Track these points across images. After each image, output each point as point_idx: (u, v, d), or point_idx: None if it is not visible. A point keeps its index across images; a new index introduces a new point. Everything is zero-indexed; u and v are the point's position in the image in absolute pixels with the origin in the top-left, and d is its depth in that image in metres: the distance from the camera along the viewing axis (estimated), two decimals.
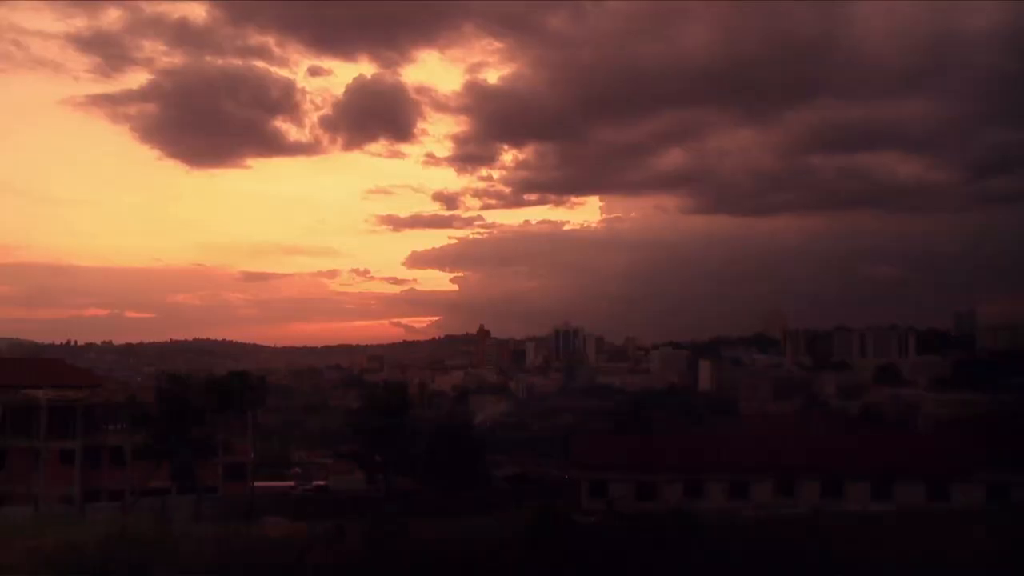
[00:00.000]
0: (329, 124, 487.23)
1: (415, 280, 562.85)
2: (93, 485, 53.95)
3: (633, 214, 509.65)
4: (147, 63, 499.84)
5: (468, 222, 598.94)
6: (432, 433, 63.84)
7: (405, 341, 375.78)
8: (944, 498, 46.35)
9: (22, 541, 29.29)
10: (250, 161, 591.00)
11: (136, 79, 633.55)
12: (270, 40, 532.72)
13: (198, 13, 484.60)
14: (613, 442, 60.72)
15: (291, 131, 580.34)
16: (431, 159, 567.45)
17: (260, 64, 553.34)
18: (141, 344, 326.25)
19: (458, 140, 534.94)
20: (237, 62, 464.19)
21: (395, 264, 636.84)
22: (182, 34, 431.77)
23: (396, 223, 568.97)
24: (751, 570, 25.13)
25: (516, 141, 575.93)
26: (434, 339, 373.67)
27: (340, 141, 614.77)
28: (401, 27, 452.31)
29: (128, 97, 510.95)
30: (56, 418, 54.82)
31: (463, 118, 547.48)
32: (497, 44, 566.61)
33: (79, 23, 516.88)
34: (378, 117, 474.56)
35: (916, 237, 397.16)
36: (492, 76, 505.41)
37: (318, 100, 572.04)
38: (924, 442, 61.39)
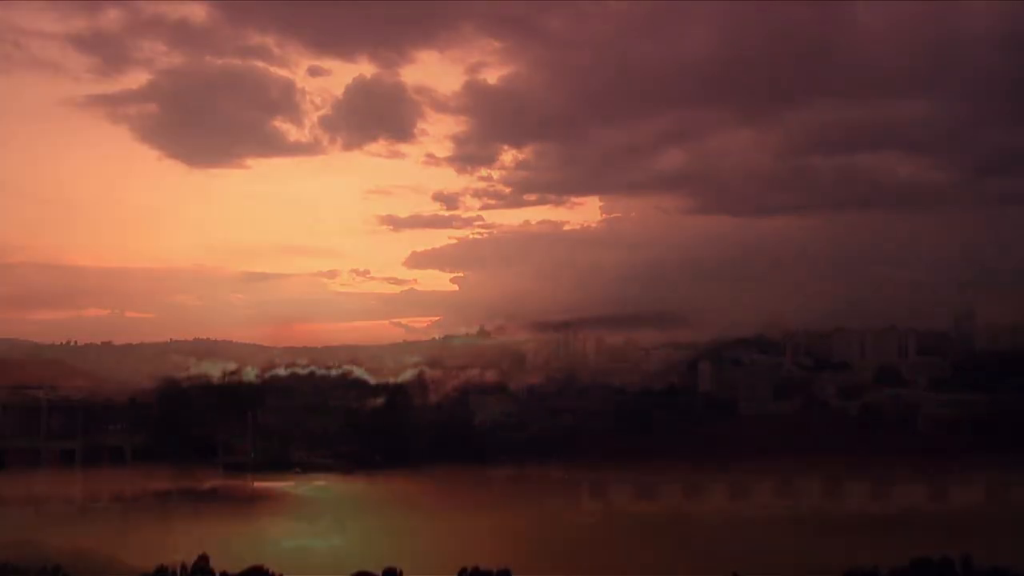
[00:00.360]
0: (329, 124, 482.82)
1: (415, 280, 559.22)
2: (93, 485, 53.82)
3: (633, 214, 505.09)
4: (147, 63, 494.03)
5: (468, 222, 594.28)
6: (432, 433, 63.80)
7: (405, 341, 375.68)
8: (944, 498, 46.28)
9: (22, 541, 29.29)
10: (250, 161, 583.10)
11: (136, 79, 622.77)
12: (270, 40, 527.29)
13: (198, 13, 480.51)
14: (613, 442, 60.66)
15: (291, 131, 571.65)
16: (431, 159, 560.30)
17: (260, 64, 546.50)
18: (141, 344, 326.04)
19: (458, 140, 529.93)
20: (237, 62, 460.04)
21: (395, 264, 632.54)
22: (182, 34, 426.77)
23: (396, 223, 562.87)
24: (751, 570, 25.15)
25: (516, 141, 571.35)
26: (434, 339, 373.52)
27: (340, 141, 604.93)
28: (401, 27, 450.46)
29: (128, 97, 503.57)
30: (56, 418, 54.73)
31: (463, 118, 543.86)
32: (497, 44, 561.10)
33: (79, 23, 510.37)
34: (378, 117, 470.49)
35: (916, 237, 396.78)
36: (492, 76, 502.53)
37: (318, 100, 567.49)
38: (924, 442, 61.32)
